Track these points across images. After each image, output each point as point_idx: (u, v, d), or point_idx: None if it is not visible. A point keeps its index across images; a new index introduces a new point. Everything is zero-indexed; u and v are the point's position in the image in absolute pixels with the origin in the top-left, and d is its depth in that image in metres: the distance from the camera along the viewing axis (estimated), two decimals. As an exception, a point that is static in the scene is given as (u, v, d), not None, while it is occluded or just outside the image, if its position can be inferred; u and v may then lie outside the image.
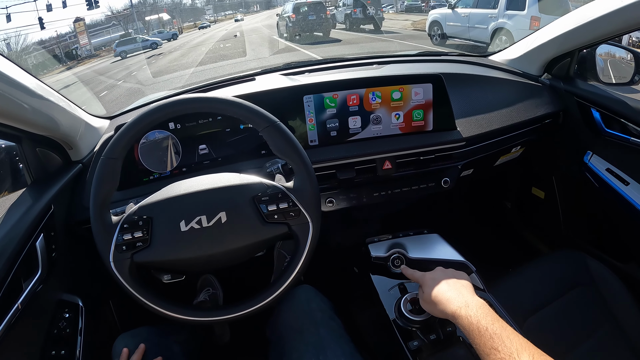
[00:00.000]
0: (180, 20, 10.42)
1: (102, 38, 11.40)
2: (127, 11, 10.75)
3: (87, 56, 10.64)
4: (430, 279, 0.89)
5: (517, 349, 0.66)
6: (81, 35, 11.28)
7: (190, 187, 0.85)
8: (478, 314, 0.74)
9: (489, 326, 0.71)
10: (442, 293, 0.84)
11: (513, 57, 1.64)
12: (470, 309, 0.76)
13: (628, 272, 1.42)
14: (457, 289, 0.83)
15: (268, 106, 0.90)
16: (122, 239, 0.80)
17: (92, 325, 1.11)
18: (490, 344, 0.68)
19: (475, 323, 0.73)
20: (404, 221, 1.35)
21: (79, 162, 1.16)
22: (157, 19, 10.31)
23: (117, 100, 4.99)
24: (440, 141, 1.24)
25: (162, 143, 1.14)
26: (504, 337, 0.69)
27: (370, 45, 8.69)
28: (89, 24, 10.81)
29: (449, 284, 0.86)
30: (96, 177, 0.81)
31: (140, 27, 10.33)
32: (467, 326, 0.74)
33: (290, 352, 0.96)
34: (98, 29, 11.71)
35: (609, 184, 1.37)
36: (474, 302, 0.78)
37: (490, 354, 0.68)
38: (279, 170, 1.05)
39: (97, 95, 5.16)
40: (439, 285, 0.86)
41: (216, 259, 0.85)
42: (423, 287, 0.90)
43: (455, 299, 0.81)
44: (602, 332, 1.12)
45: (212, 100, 0.86)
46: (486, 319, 0.73)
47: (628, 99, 1.32)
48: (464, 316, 0.75)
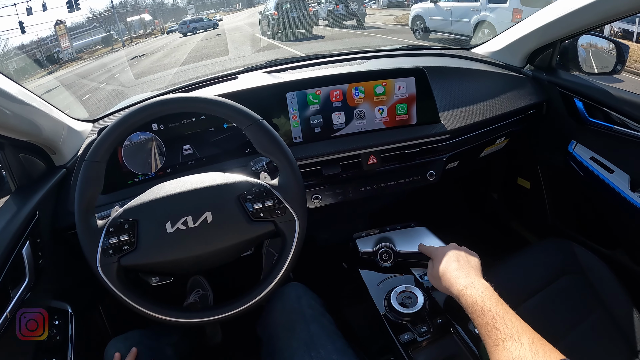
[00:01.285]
0: (162, 20, 10.35)
1: (83, 40, 11.25)
2: (108, 12, 10.63)
3: (69, 59, 10.50)
4: (442, 254, 0.92)
5: (518, 331, 0.68)
6: (62, 38, 11.12)
7: (175, 188, 0.84)
8: (483, 295, 0.76)
9: (492, 307, 0.73)
10: (450, 271, 0.86)
11: (495, 50, 1.65)
12: (476, 289, 0.78)
13: (615, 259, 1.44)
14: (465, 269, 0.85)
15: (251, 104, 0.89)
16: (108, 242, 0.79)
17: (82, 332, 1.09)
18: (492, 324, 0.70)
19: (479, 303, 0.75)
20: (392, 215, 1.36)
21: (63, 166, 1.14)
22: (138, 19, 10.21)
23: (100, 103, 4.94)
24: (425, 134, 1.24)
25: (146, 145, 1.13)
26: (506, 319, 0.71)
27: (353, 40, 8.70)
28: (70, 27, 10.67)
29: (459, 263, 0.88)
30: (80, 181, 0.80)
31: (122, 29, 10.23)
32: (471, 305, 0.76)
33: (282, 350, 0.96)
34: (79, 32, 11.57)
35: (594, 172, 1.38)
36: (480, 284, 0.80)
37: (491, 333, 0.70)
38: (263, 168, 1.04)
39: (80, 99, 5.10)
40: (448, 263, 0.88)
41: (203, 260, 0.85)
42: (434, 262, 0.92)
43: (462, 278, 0.83)
44: (592, 318, 1.14)
45: (194, 100, 0.85)
46: (490, 300, 0.75)
47: (611, 88, 1.33)
48: (469, 295, 0.78)
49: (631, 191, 1.29)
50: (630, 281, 1.23)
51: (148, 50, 8.49)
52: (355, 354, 0.98)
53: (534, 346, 0.65)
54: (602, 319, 1.14)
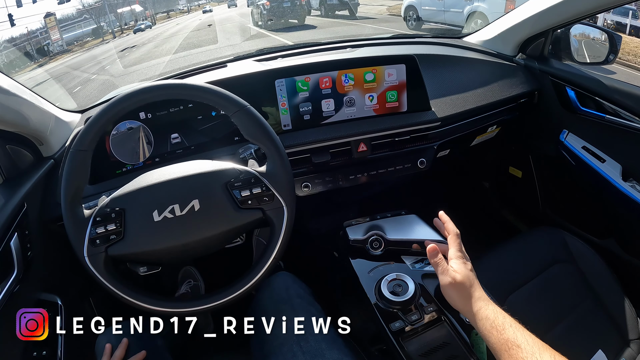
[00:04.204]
0: (153, 11, 10.21)
1: (73, 33, 11.10)
2: (98, 4, 10.48)
3: (60, 52, 10.38)
4: (466, 264, 0.86)
5: (539, 349, 0.67)
6: (52, 30, 10.97)
7: (162, 176, 0.84)
8: (503, 313, 0.76)
9: (512, 323, 0.73)
10: (476, 286, 0.83)
11: (487, 38, 1.65)
12: (495, 307, 0.77)
13: (606, 248, 1.44)
14: (482, 291, 0.83)
15: (240, 92, 0.89)
16: (95, 232, 0.79)
17: (72, 324, 1.09)
18: (514, 341, 0.69)
19: (501, 319, 0.74)
20: (383, 204, 1.35)
21: (51, 157, 1.13)
22: (129, 10, 10.09)
23: (91, 95, 4.90)
24: (415, 122, 1.24)
25: (134, 134, 1.12)
26: (527, 336, 0.70)
27: (345, 30, 8.65)
28: (60, 19, 10.52)
29: (477, 281, 0.84)
30: (66, 170, 0.80)
31: (112, 20, 10.13)
32: (492, 320, 0.74)
33: (272, 340, 0.96)
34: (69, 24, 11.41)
35: (586, 161, 1.38)
36: (494, 304, 0.79)
37: (512, 350, 0.68)
38: (252, 156, 1.03)
39: (70, 91, 5.06)
40: (474, 278, 0.84)
41: (191, 248, 0.84)
42: (458, 267, 0.85)
43: (484, 295, 0.81)
44: (583, 307, 1.15)
45: (179, 87, 0.85)
46: (509, 318, 0.74)
47: (603, 77, 1.34)
48: (491, 311, 0.76)
49: (623, 180, 1.30)
50: (621, 270, 1.24)
51: (139, 41, 8.42)
52: (345, 343, 0.97)
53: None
54: (593, 307, 1.15)
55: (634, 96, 1.25)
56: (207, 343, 1.56)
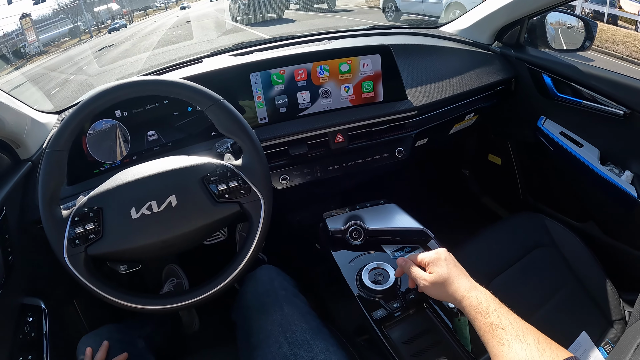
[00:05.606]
0: (130, 8, 10.00)
1: (50, 33, 10.85)
2: (74, 3, 10.25)
3: (37, 53, 10.15)
4: (439, 260, 0.85)
5: (523, 331, 0.68)
6: (29, 32, 10.70)
7: (138, 173, 0.84)
8: (487, 297, 0.76)
9: (497, 308, 0.73)
10: (453, 276, 0.82)
11: (463, 27, 1.66)
12: (479, 292, 0.77)
13: (586, 232, 1.47)
14: (464, 274, 0.83)
15: (215, 87, 0.89)
16: (74, 232, 0.79)
17: (57, 327, 1.08)
18: (497, 323, 0.70)
19: (484, 304, 0.74)
20: (365, 194, 1.36)
21: (29, 160, 1.11)
22: (106, 9, 9.89)
23: (69, 95, 4.81)
24: (391, 111, 1.24)
25: (110, 132, 1.11)
26: (511, 319, 0.70)
27: (323, 23, 8.60)
28: (36, 20, 10.27)
29: (456, 267, 0.84)
30: (42, 171, 0.80)
31: (89, 19, 9.93)
32: (476, 306, 0.75)
33: (257, 333, 0.96)
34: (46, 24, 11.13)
35: (564, 147, 1.40)
36: (481, 287, 0.79)
37: (495, 332, 0.69)
38: (228, 150, 1.03)
39: (49, 93, 4.97)
40: (449, 268, 0.83)
41: (170, 244, 0.84)
42: (432, 267, 0.85)
43: (465, 281, 0.81)
44: (565, 290, 1.16)
45: (152, 83, 0.85)
46: (494, 302, 0.75)
47: (579, 63, 1.35)
48: (474, 297, 0.76)
49: (601, 164, 1.31)
50: (602, 252, 1.26)
51: (117, 40, 8.29)
52: (330, 333, 0.98)
53: (540, 345, 0.65)
54: (575, 290, 1.17)
55: (609, 81, 1.27)
56: (192, 340, 1.56)
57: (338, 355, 0.91)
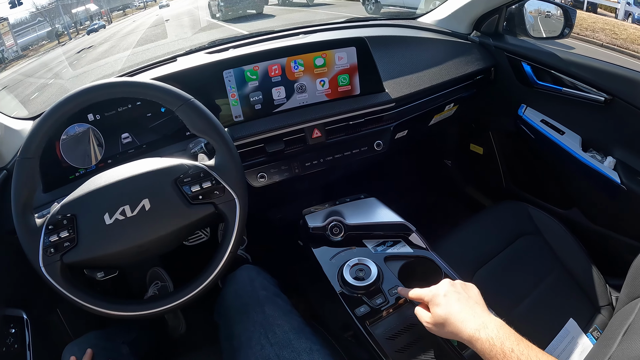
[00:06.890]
0: (108, 8, 9.84)
1: (28, 37, 10.65)
2: (52, 5, 10.06)
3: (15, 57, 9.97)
4: (438, 296, 0.79)
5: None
6: (6, 36, 10.50)
7: (110, 178, 0.82)
8: (500, 335, 0.68)
9: (514, 347, 0.66)
10: (454, 314, 0.74)
11: (441, 17, 1.65)
12: (490, 330, 0.69)
13: (570, 218, 1.48)
14: (470, 308, 0.75)
15: (189, 86, 0.89)
16: (49, 241, 0.78)
17: (41, 337, 1.07)
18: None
19: (499, 345, 0.66)
20: (346, 189, 1.35)
21: (3, 168, 1.08)
22: (84, 10, 9.73)
23: (48, 100, 4.73)
24: (369, 104, 1.22)
25: (83, 137, 1.09)
26: (532, 357, 0.64)
27: (302, 17, 8.57)
28: (13, 24, 10.07)
29: (460, 303, 0.76)
30: (14, 179, 0.79)
31: (67, 22, 9.75)
32: (489, 349, 0.67)
33: (239, 334, 0.96)
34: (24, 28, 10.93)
35: (545, 134, 1.40)
36: (493, 322, 0.71)
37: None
38: (202, 150, 1.02)
39: (28, 98, 4.89)
40: (449, 305, 0.76)
41: (146, 249, 0.83)
42: (430, 307, 0.80)
43: (471, 320, 0.73)
44: (551, 277, 1.16)
45: (120, 85, 0.83)
46: (510, 339, 0.67)
47: (558, 51, 1.36)
48: (484, 339, 0.68)
49: (583, 151, 1.32)
50: (586, 239, 1.26)
51: (95, 41, 8.18)
52: (313, 332, 0.97)
53: None
54: (561, 277, 1.17)
55: (590, 68, 1.27)
56: (179, 344, 1.54)
57: (322, 353, 0.91)
